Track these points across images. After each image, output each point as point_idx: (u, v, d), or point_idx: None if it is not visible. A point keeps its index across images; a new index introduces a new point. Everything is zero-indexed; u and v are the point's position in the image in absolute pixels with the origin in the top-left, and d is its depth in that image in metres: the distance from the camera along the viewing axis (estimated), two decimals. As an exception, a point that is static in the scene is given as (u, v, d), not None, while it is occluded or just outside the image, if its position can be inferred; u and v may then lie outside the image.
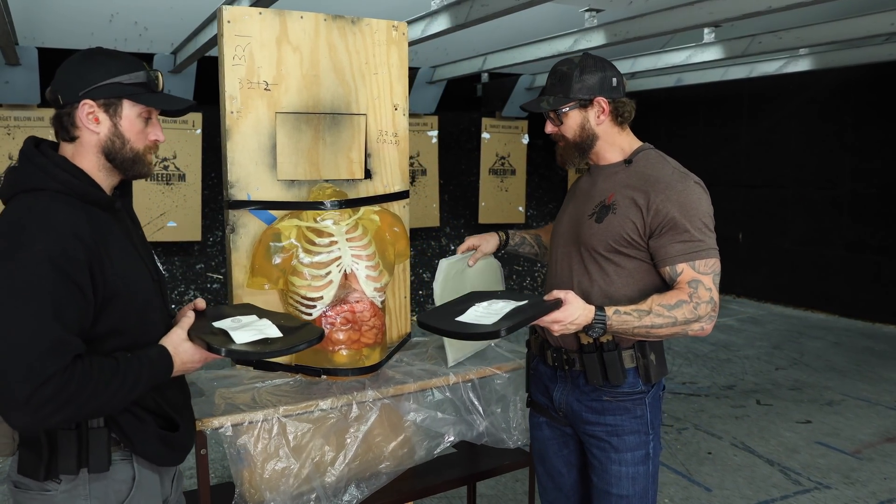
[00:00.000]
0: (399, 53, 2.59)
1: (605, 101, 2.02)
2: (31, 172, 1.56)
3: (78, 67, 1.61)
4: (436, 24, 4.59)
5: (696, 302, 1.88)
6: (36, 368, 1.38)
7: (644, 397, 2.03)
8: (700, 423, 4.59)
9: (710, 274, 1.91)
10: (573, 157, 2.10)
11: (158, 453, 1.65)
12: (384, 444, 2.28)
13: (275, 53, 2.37)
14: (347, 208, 2.40)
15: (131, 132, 1.64)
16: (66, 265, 1.45)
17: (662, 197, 1.93)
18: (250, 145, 2.37)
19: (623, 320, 1.87)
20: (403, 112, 2.63)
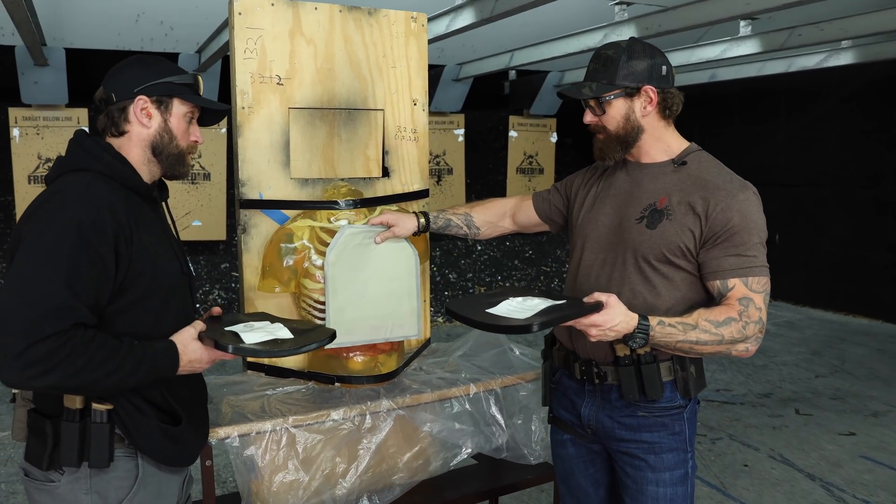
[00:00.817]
0: (418, 46, 2.48)
1: (654, 91, 1.84)
2: (78, 154, 1.65)
3: (132, 69, 1.71)
4: (461, 18, 4.47)
5: (746, 321, 1.74)
6: (35, 326, 1.40)
7: (682, 412, 1.88)
8: (735, 433, 4.41)
9: (762, 293, 1.78)
10: (614, 151, 1.92)
11: (160, 449, 1.63)
12: (398, 456, 2.16)
13: (288, 46, 2.27)
14: (363, 208, 2.29)
15: (178, 130, 1.73)
16: (93, 235, 1.49)
17: (724, 205, 1.77)
18: (262, 142, 2.27)
19: (667, 332, 1.72)
20: (423, 107, 2.51)
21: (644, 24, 4.62)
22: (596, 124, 1.94)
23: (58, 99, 5.78)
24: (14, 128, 5.77)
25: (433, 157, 7.32)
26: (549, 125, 7.69)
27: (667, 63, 1.87)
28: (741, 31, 5.09)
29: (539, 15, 4.99)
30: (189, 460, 1.69)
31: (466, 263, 7.81)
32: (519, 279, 7.89)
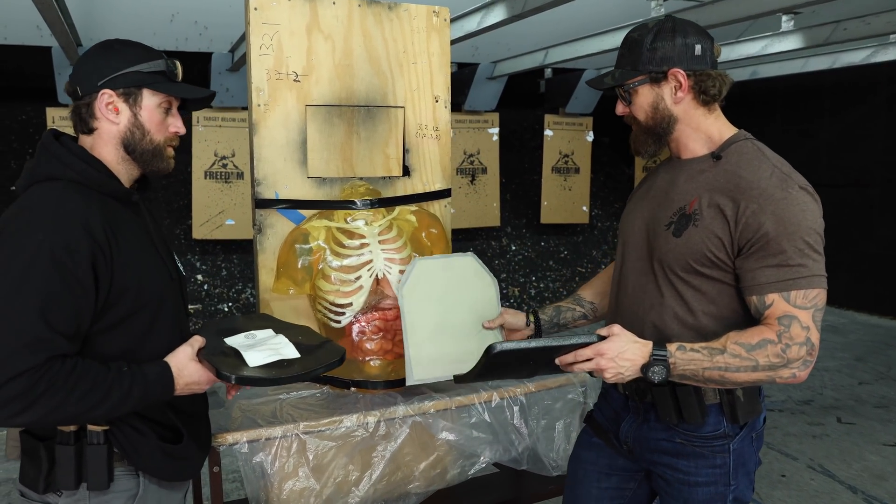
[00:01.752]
0: (440, 41, 2.41)
1: (683, 74, 1.63)
2: (47, 162, 1.53)
3: (95, 58, 1.57)
4: (492, 15, 4.39)
5: (787, 343, 1.51)
6: (7, 363, 1.33)
7: (728, 443, 1.67)
8: (773, 441, 4.26)
9: (810, 309, 1.53)
10: (646, 144, 1.73)
11: (162, 467, 1.57)
12: (414, 464, 2.09)
13: (305, 42, 2.21)
14: (381, 208, 2.23)
15: (151, 123, 1.60)
16: (67, 258, 1.39)
17: (755, 206, 1.55)
18: (278, 140, 2.22)
19: (690, 358, 1.53)
20: (445, 104, 2.44)
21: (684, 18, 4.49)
22: (627, 115, 1.77)
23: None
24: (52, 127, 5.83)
25: (467, 157, 7.25)
26: (585, 124, 7.56)
27: (704, 41, 1.65)
28: (783, 26, 4.93)
29: (574, 11, 4.88)
30: (191, 474, 1.64)
31: (500, 264, 7.72)
32: (554, 280, 7.78)
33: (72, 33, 4.86)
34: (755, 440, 1.72)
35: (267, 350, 1.60)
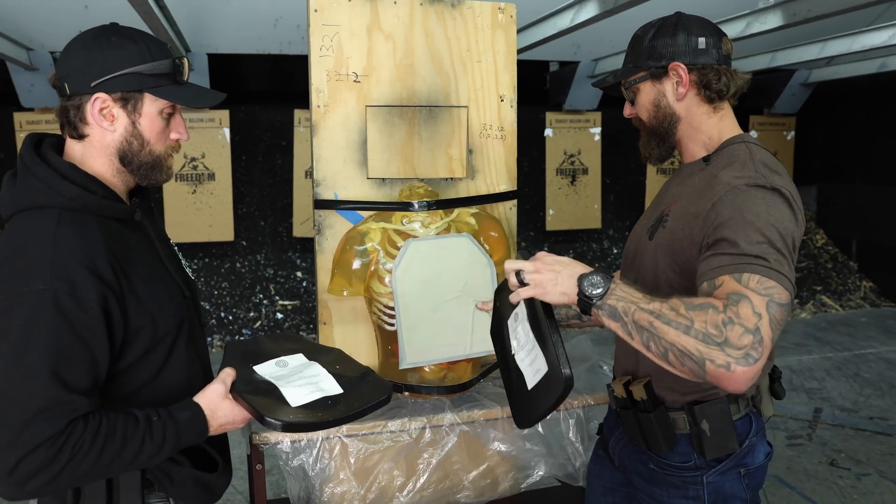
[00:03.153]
0: (506, 38, 2.34)
1: (683, 68, 1.54)
2: (33, 187, 1.32)
3: (90, 51, 1.35)
4: (584, 11, 4.28)
5: (731, 317, 1.24)
6: (23, 435, 1.18)
7: (701, 475, 1.56)
8: (887, 469, 3.93)
9: (765, 297, 1.27)
10: (650, 147, 1.64)
11: (195, 494, 1.47)
12: (463, 473, 2.04)
13: (365, 42, 2.20)
14: (439, 209, 2.19)
15: (151, 132, 1.41)
16: (74, 307, 1.23)
17: (717, 199, 1.41)
18: (338, 141, 2.21)
19: (629, 292, 1.33)
20: (511, 104, 2.37)
21: (791, 10, 4.23)
22: (634, 116, 1.68)
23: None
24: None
25: (567, 157, 7.11)
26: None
27: (710, 36, 1.56)
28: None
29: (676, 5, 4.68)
30: (219, 495, 1.54)
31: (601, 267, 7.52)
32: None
33: (178, 40, 5.07)
34: (745, 477, 1.58)
35: (306, 385, 1.49)
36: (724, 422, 1.53)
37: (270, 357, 1.59)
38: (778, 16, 4.27)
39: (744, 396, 1.59)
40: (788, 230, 1.37)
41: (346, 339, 2.26)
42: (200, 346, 1.57)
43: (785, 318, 1.30)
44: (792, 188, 1.45)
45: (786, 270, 1.32)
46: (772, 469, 3.95)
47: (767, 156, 1.54)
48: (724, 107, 1.60)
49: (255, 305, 6.58)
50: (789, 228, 1.37)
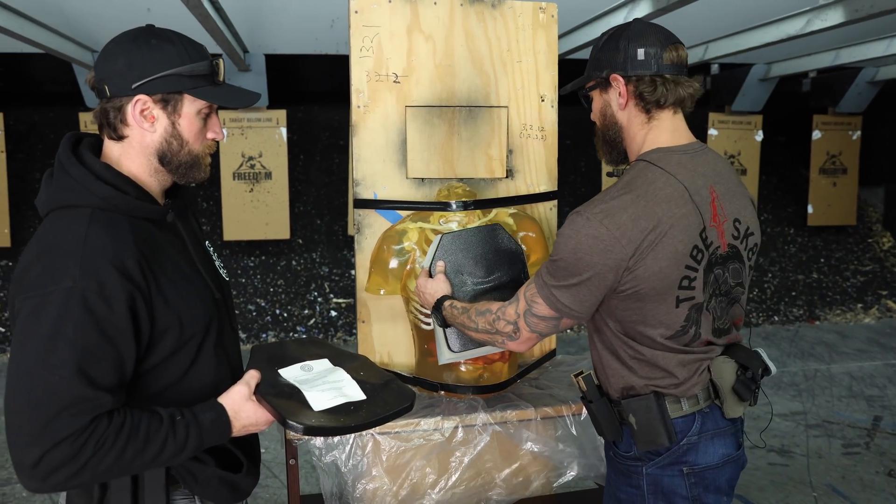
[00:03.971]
0: (547, 38, 2.33)
1: (621, 80, 1.61)
2: (67, 186, 1.36)
3: (129, 54, 1.38)
4: (638, 9, 4.21)
5: (498, 317, 1.70)
6: (48, 430, 1.21)
7: (640, 466, 1.66)
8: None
9: (528, 305, 1.64)
10: (603, 151, 1.76)
11: (219, 493, 1.48)
12: (495, 471, 2.04)
13: (405, 43, 2.21)
14: (477, 209, 2.19)
15: (190, 132, 1.44)
16: (102, 306, 1.25)
17: None
18: (378, 141, 2.24)
19: (452, 314, 1.84)
20: (552, 104, 2.36)
21: (853, 5, 4.08)
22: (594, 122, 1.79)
23: (259, 102, 6.17)
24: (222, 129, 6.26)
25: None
26: (754, 122, 7.08)
27: (651, 46, 1.59)
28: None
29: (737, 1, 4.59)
30: (247, 494, 1.55)
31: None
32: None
33: (236, 41, 5.18)
34: (689, 475, 1.64)
35: (329, 389, 1.52)
36: (651, 417, 1.61)
37: (296, 361, 1.61)
38: (839, 12, 4.12)
39: (684, 396, 1.62)
40: (583, 258, 1.53)
41: (384, 337, 2.28)
42: (230, 349, 1.59)
43: (547, 323, 1.63)
44: (613, 217, 1.52)
45: (549, 292, 1.59)
46: (826, 478, 3.83)
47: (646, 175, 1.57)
48: (660, 116, 1.63)
49: (310, 303, 6.68)
50: (584, 257, 1.52)
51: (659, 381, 1.62)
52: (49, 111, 6.79)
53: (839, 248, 7.71)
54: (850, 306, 7.20)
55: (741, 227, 1.67)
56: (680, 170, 1.59)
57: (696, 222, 1.56)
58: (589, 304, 1.58)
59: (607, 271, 1.52)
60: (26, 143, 6.72)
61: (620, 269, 1.52)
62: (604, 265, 1.52)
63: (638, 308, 1.57)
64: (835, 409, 4.82)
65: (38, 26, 4.63)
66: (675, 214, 1.54)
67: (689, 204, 1.56)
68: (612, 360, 1.66)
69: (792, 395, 5.07)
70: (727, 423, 1.68)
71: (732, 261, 1.66)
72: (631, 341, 1.62)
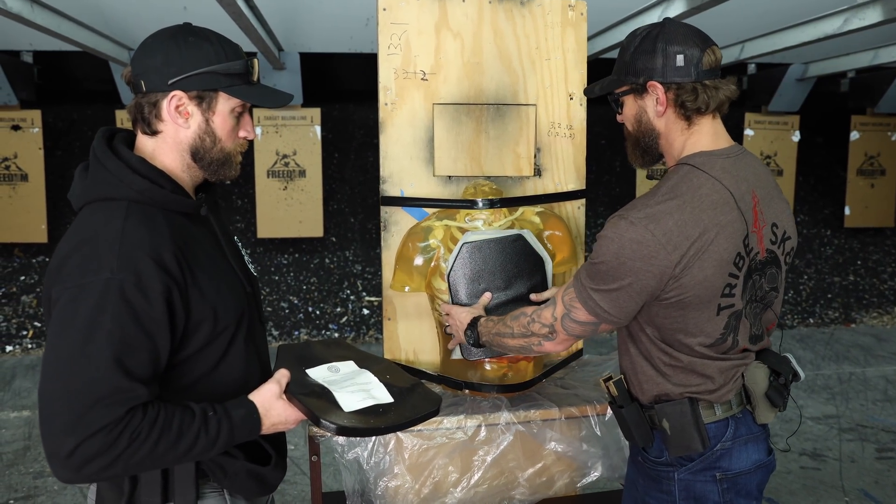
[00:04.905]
0: (576, 36, 2.31)
1: (660, 88, 1.56)
2: (103, 179, 1.38)
3: (167, 50, 1.41)
4: (672, 8, 4.17)
5: (534, 319, 1.68)
6: (83, 420, 1.22)
7: (672, 472, 1.64)
8: None
9: (566, 308, 1.61)
10: (635, 157, 1.71)
11: (248, 487, 1.50)
12: (518, 471, 2.03)
13: (433, 41, 2.22)
14: (503, 208, 2.18)
15: (223, 129, 1.46)
16: (139, 297, 1.27)
17: None
18: (405, 139, 2.24)
19: (486, 327, 1.83)
20: (580, 102, 2.34)
21: (892, 4, 3.99)
22: (622, 125, 1.73)
23: (293, 100, 6.21)
24: (257, 127, 6.32)
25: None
26: (790, 123, 6.96)
27: (690, 50, 1.54)
28: None
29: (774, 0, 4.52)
30: (274, 487, 1.57)
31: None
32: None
33: (270, 39, 5.23)
34: (722, 481, 1.61)
35: (358, 391, 1.54)
36: (685, 422, 1.59)
37: (322, 362, 1.63)
38: (878, 11, 4.04)
39: (718, 401, 1.60)
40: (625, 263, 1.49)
41: (409, 334, 2.29)
42: (259, 343, 1.61)
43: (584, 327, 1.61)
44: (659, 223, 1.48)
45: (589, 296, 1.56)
46: (858, 482, 3.76)
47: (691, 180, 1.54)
48: (701, 121, 1.60)
49: (343, 301, 6.72)
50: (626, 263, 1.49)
51: (694, 387, 1.60)
52: (87, 109, 6.91)
53: (876, 251, 7.55)
54: (888, 309, 7.06)
55: (778, 231, 1.64)
56: (725, 175, 1.55)
57: (741, 229, 1.54)
58: (629, 310, 1.55)
59: (650, 278, 1.49)
60: (65, 140, 6.85)
61: (665, 276, 1.49)
62: (647, 271, 1.48)
63: (680, 316, 1.54)
64: (869, 413, 4.73)
65: (76, 25, 4.72)
66: (721, 221, 1.51)
67: (735, 210, 1.53)
68: (647, 366, 1.64)
69: (826, 398, 4.98)
70: (759, 429, 1.67)
71: (770, 266, 1.63)
72: (669, 348, 1.59)
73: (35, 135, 6.23)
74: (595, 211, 7.25)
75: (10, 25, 4.45)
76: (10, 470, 3.91)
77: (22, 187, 6.22)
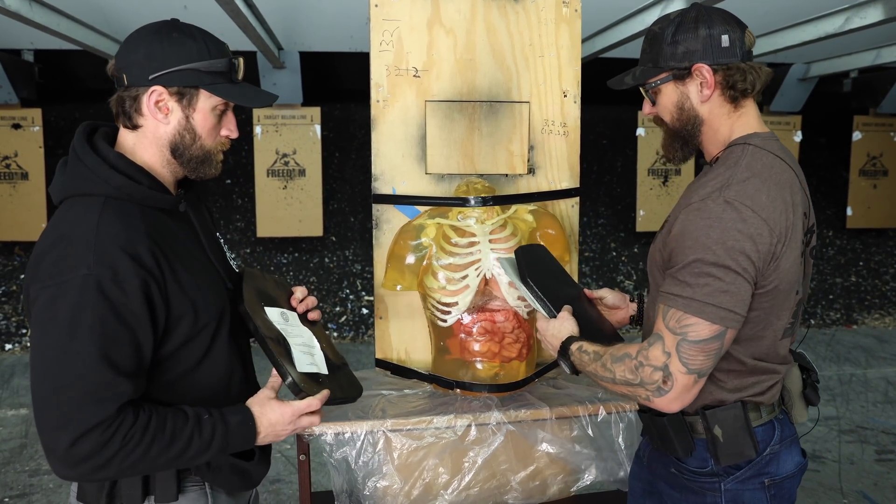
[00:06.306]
0: (570, 33, 2.29)
1: (708, 69, 1.47)
2: (81, 174, 1.38)
3: (150, 45, 1.40)
4: (672, 6, 4.15)
5: (641, 362, 1.41)
6: (76, 417, 1.23)
7: (718, 482, 1.52)
8: None
9: (678, 336, 1.37)
10: (673, 149, 1.59)
11: (231, 481, 1.49)
12: (510, 473, 2.01)
13: (425, 37, 2.20)
14: (496, 205, 2.16)
15: (204, 127, 1.45)
16: (117, 292, 1.27)
17: (677, 213, 1.46)
18: (397, 136, 2.23)
19: (581, 360, 1.55)
20: (574, 99, 2.32)
21: (893, 2, 3.97)
22: (655, 116, 1.61)
23: (293, 98, 6.22)
24: (257, 126, 6.32)
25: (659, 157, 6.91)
26: (792, 123, 6.93)
27: (733, 31, 1.48)
28: None
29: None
30: (257, 482, 1.56)
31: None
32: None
33: (270, 38, 5.22)
34: (770, 487, 1.52)
35: (306, 353, 1.53)
36: (739, 427, 1.49)
37: (275, 302, 1.59)
38: (879, 10, 4.00)
39: (766, 403, 1.53)
40: (734, 247, 1.35)
41: (401, 334, 2.27)
42: (242, 340, 1.59)
43: (708, 348, 1.37)
44: (754, 199, 1.39)
45: (711, 298, 1.35)
46: (857, 484, 3.73)
47: (761, 158, 1.46)
48: (746, 104, 1.53)
49: (342, 300, 6.71)
50: (735, 245, 1.35)
51: (748, 389, 1.51)
52: (89, 108, 6.91)
53: (879, 252, 7.51)
54: (889, 310, 7.02)
55: (807, 221, 1.56)
56: (784, 156, 1.50)
57: (805, 211, 1.48)
58: (747, 302, 1.38)
59: (758, 260, 1.36)
60: (66, 139, 6.85)
61: (768, 257, 1.37)
62: (755, 253, 1.35)
63: (768, 307, 1.44)
64: (869, 415, 4.70)
65: (75, 23, 4.72)
66: (794, 202, 1.44)
67: (801, 192, 1.48)
68: None
69: (826, 399, 4.95)
70: (794, 430, 1.60)
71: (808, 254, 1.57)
72: (738, 347, 1.47)
73: (35, 133, 6.23)
74: (596, 212, 7.23)
75: (11, 24, 4.45)
76: (6, 468, 3.90)
77: (22, 186, 6.22)
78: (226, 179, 7.00)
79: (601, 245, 7.21)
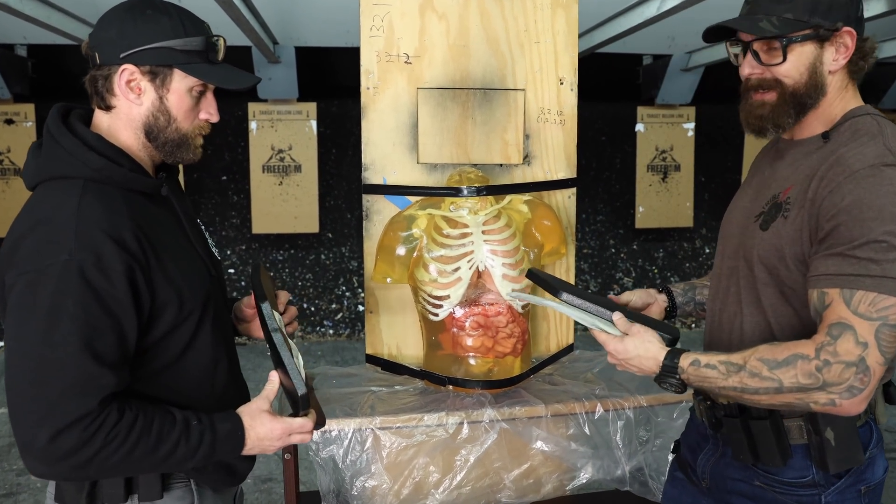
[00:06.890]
0: (567, 18, 2.22)
1: (853, 37, 1.32)
2: (58, 156, 1.31)
3: (122, 23, 1.33)
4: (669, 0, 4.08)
5: (826, 360, 1.20)
6: (55, 411, 1.16)
7: (819, 494, 1.36)
8: None
9: (876, 321, 1.18)
10: (785, 116, 1.38)
11: (216, 478, 1.44)
12: (504, 472, 1.94)
13: (417, 23, 2.13)
14: (489, 196, 2.09)
15: (179, 109, 1.37)
16: (100, 278, 1.21)
17: (835, 185, 1.25)
18: (387, 124, 2.16)
19: (704, 376, 1.30)
20: (571, 87, 2.25)
21: (898, -7, 3.90)
22: (762, 78, 1.39)
23: (289, 94, 6.15)
24: (252, 121, 6.25)
25: (658, 153, 6.86)
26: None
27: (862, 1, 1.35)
28: None
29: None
30: (243, 478, 1.52)
31: (691, 267, 7.24)
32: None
33: (265, 32, 5.15)
34: (864, 495, 1.38)
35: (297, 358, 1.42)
36: (851, 430, 1.34)
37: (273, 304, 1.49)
38: (882, 1, 3.93)
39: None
40: None
41: (392, 328, 2.20)
42: (227, 329, 1.54)
43: None
44: None
45: None
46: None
47: (891, 126, 1.34)
48: (853, 82, 1.41)
49: (338, 297, 6.64)
50: None
51: None
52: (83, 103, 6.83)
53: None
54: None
55: None
56: None
57: None
58: None
59: None
60: (60, 135, 6.78)
61: None
62: None
63: None
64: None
65: (69, 17, 4.65)
66: None
67: None
68: None
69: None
70: (880, 431, 1.46)
71: None
72: None
73: (28, 129, 6.15)
74: (595, 208, 7.16)
75: (2, 17, 4.38)
76: (-6, 467, 3.84)
77: (15, 182, 6.15)
78: (221, 175, 6.93)
79: (600, 242, 7.14)
